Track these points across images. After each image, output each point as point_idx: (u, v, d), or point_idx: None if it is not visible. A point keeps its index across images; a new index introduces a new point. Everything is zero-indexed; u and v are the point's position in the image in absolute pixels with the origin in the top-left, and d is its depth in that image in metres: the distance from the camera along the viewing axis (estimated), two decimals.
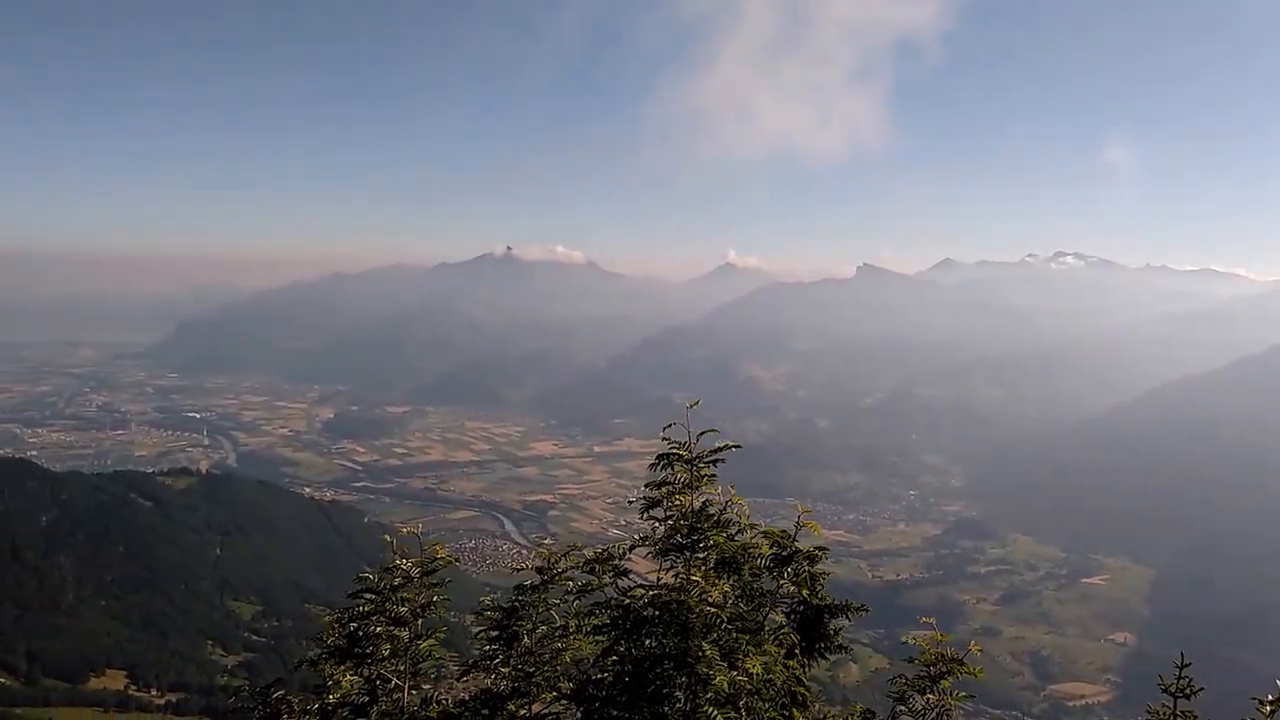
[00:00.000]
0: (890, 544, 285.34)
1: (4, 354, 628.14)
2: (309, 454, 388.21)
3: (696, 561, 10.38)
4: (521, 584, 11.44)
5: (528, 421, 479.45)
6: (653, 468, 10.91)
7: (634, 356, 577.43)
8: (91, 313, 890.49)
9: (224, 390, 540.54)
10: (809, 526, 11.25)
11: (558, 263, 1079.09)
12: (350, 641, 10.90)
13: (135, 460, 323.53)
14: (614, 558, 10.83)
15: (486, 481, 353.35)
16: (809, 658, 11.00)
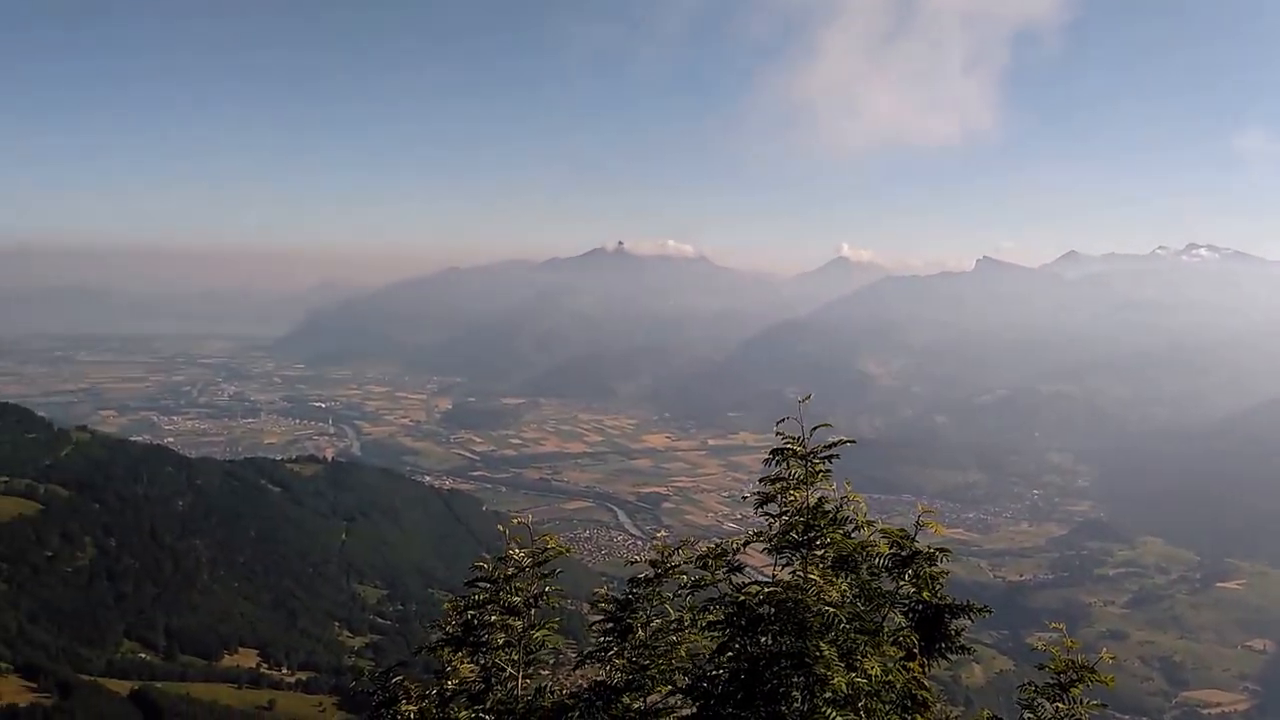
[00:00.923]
0: (1012, 544, 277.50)
1: (141, 345, 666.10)
2: (429, 443, 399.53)
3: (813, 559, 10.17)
4: (635, 576, 11.40)
5: (640, 414, 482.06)
6: (767, 462, 10.71)
7: (746, 351, 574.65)
8: (223, 306, 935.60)
9: (348, 381, 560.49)
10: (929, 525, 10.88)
11: (669, 257, 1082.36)
12: (466, 629, 11.05)
13: (265, 448, 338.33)
14: (728, 553, 10.70)
15: (600, 473, 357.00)
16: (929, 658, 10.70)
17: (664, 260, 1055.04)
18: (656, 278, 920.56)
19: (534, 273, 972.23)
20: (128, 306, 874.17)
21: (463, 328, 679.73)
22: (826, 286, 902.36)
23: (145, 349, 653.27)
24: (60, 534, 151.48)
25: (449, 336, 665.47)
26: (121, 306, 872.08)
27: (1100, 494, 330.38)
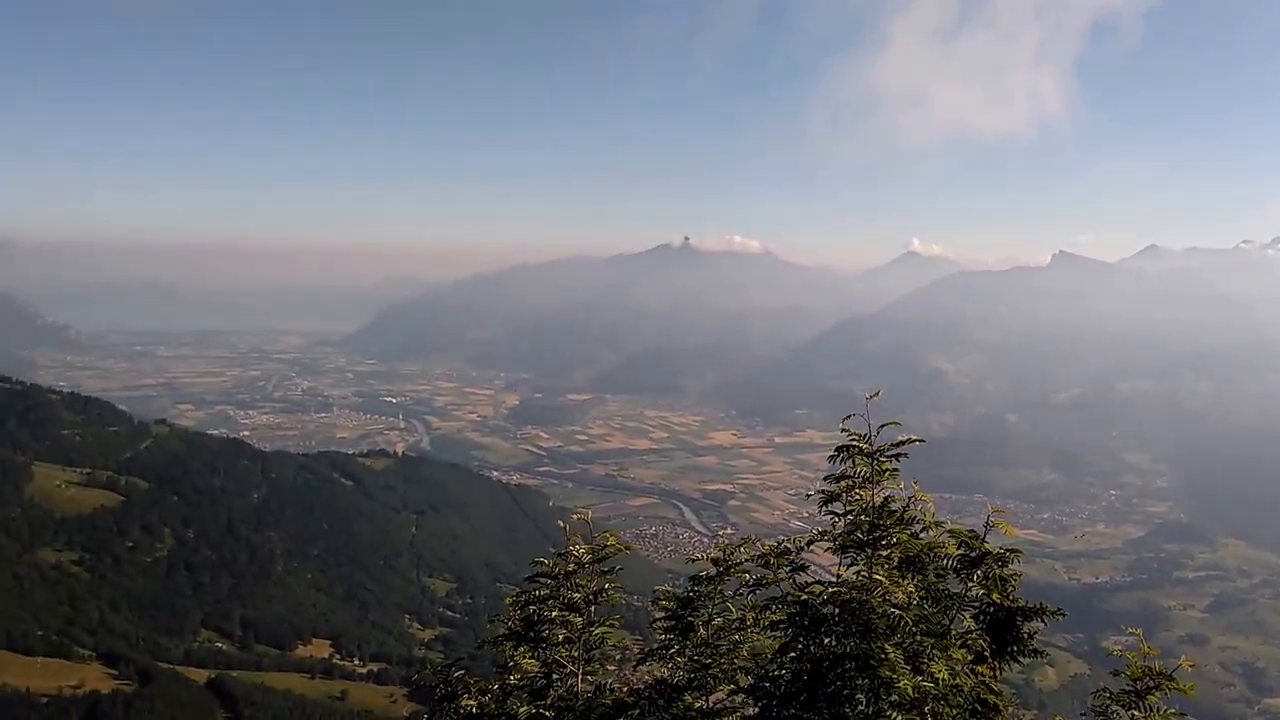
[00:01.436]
0: (1087, 545, 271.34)
1: (218, 340, 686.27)
2: (496, 439, 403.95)
3: (878, 559, 9.94)
4: (697, 574, 11.29)
5: (706, 411, 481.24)
6: (832, 460, 10.50)
7: (814, 347, 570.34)
8: (297, 302, 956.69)
9: (417, 376, 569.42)
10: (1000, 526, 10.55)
11: (735, 253, 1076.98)
12: (526, 625, 11.06)
13: (337, 441, 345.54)
14: (791, 552, 10.53)
15: (665, 469, 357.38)
16: (1000, 661, 10.42)
17: (730, 256, 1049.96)
18: (722, 273, 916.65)
19: (600, 269, 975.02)
20: (206, 303, 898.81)
21: (529, 324, 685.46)
22: (896, 282, 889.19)
23: (223, 344, 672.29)
24: (140, 525, 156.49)
25: (516, 332, 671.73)
26: (200, 303, 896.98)
27: (1180, 495, 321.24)
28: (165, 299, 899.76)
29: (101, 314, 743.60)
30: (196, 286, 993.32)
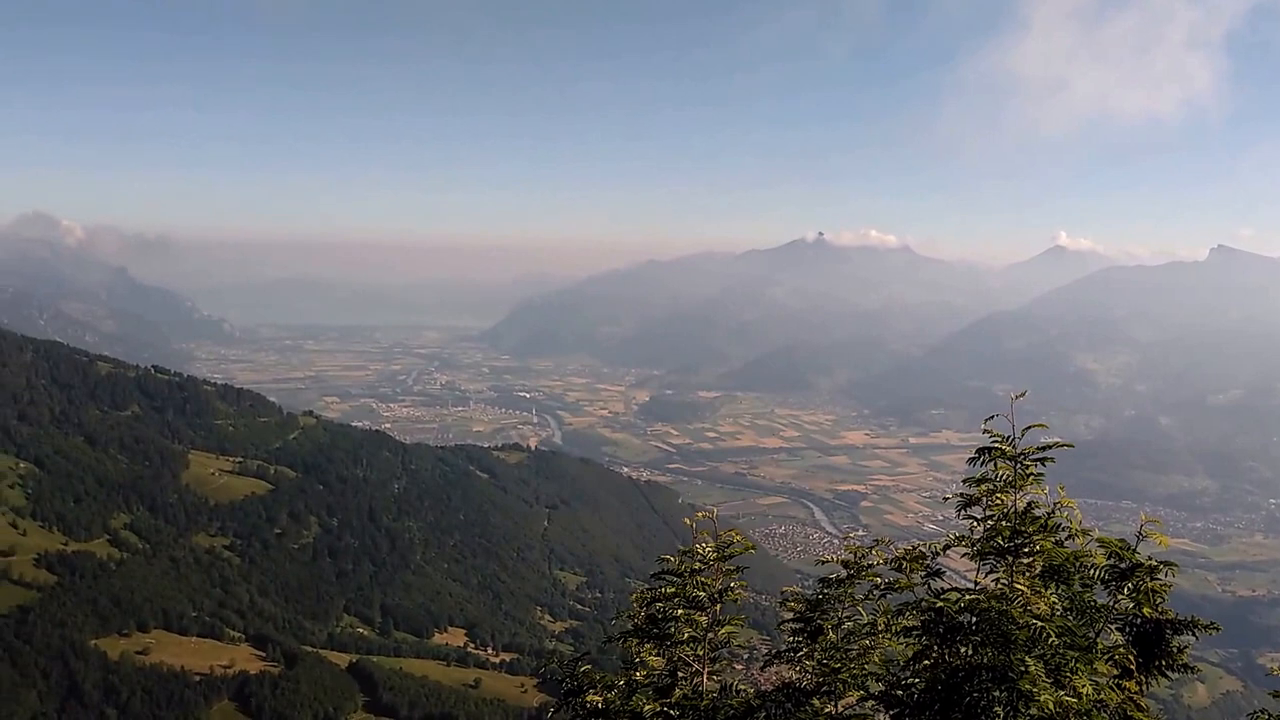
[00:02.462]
0: (1245, 556, 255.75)
1: (363, 335, 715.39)
2: (626, 435, 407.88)
3: (1019, 567, 9.45)
4: (827, 576, 10.99)
5: (838, 410, 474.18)
6: (971, 462, 10.04)
7: (952, 345, 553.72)
8: (436, 298, 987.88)
9: (550, 372, 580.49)
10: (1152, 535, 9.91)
11: (871, 248, 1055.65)
12: (651, 621, 10.98)
13: (473, 435, 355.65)
14: (926, 556, 10.11)
15: (796, 468, 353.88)
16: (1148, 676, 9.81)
17: (865, 251, 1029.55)
18: (857, 269, 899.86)
19: (732, 265, 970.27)
20: (352, 298, 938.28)
21: (660, 320, 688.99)
22: (1041, 277, 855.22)
23: (366, 339, 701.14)
24: (288, 512, 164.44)
25: (647, 329, 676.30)
26: (346, 298, 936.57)
27: None
28: (314, 294, 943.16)
29: (254, 309, 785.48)
30: (343, 282, 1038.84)
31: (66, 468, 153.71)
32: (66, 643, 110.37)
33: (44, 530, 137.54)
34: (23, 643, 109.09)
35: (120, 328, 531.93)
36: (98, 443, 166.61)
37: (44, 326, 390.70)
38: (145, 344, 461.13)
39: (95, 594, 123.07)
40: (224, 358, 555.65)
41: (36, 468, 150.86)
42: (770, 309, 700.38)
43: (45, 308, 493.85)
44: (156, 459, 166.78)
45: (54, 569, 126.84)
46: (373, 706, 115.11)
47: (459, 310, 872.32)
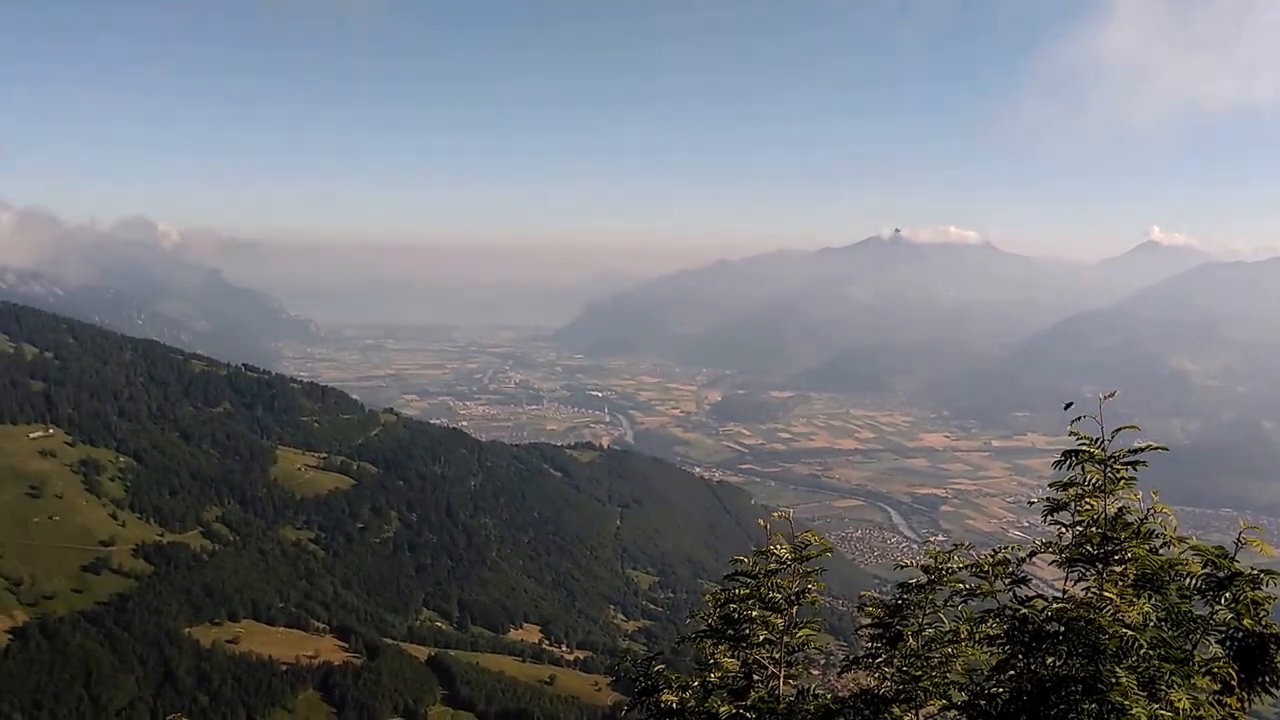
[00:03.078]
0: None
1: (441, 335, 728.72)
2: (698, 435, 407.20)
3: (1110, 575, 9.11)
4: (906, 581, 10.75)
5: (916, 411, 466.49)
6: (1058, 466, 9.70)
7: (1037, 345, 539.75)
8: (512, 297, 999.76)
9: (622, 371, 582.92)
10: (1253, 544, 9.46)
11: (950, 244, 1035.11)
12: (726, 623, 10.88)
13: (547, 433, 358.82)
14: (1011, 563, 9.81)
15: (872, 471, 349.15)
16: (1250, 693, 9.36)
17: (945, 248, 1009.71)
18: (937, 266, 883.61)
19: (806, 263, 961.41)
20: (431, 298, 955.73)
21: (732, 319, 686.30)
22: (1133, 274, 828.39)
23: (444, 338, 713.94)
24: (370, 507, 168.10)
25: (719, 328, 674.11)
26: (426, 299, 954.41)
27: None
28: (394, 295, 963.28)
29: (338, 309, 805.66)
30: (423, 283, 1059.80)
31: (163, 462, 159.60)
32: (162, 630, 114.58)
33: (141, 522, 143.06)
34: (122, 629, 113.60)
35: (213, 327, 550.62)
36: (192, 438, 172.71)
37: (142, 326, 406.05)
38: (236, 343, 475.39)
39: (189, 584, 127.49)
40: (310, 356, 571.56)
41: (135, 461, 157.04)
42: (845, 308, 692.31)
43: (143, 308, 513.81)
44: (246, 454, 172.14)
45: (151, 559, 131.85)
46: (451, 700, 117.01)
47: (533, 310, 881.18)
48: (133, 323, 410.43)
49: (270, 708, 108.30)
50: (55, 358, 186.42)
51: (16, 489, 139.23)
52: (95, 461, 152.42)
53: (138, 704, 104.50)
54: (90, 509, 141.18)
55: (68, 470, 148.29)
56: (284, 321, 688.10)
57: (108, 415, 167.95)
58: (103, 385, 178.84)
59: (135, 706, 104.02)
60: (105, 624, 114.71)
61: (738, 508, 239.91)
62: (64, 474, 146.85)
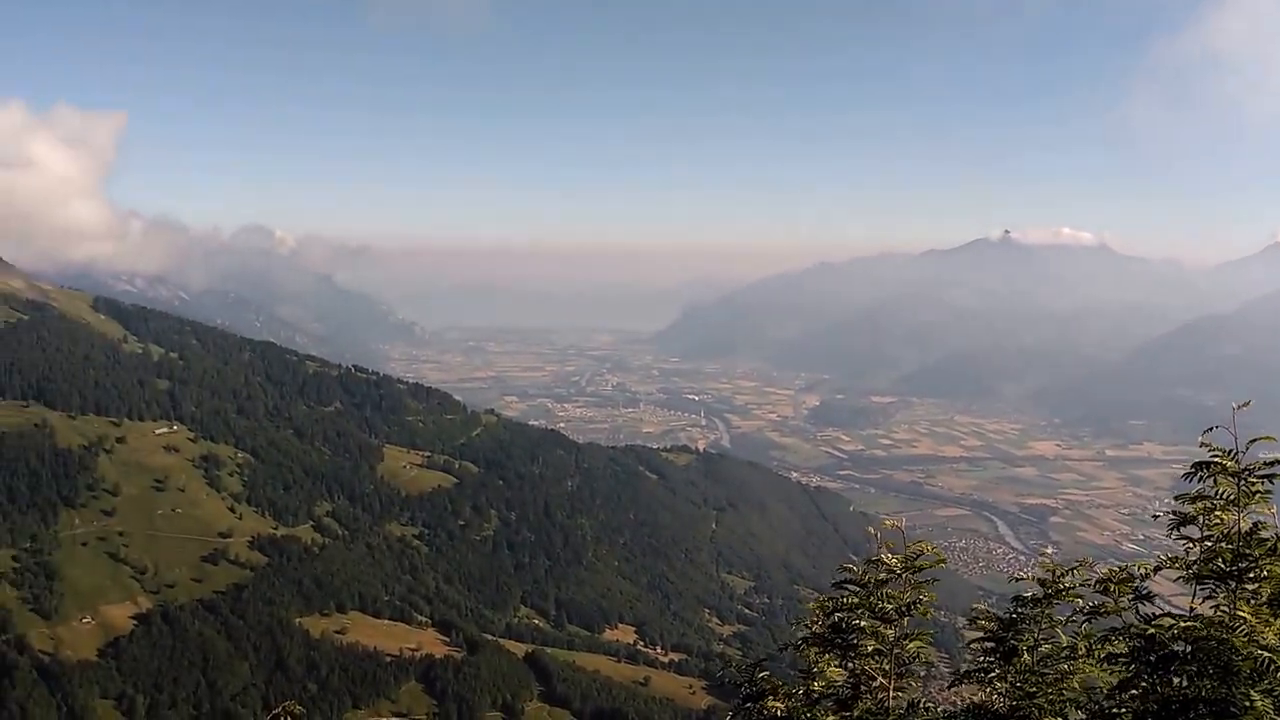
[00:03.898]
0: None
1: (540, 337, 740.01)
2: (796, 439, 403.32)
3: (1243, 593, 8.67)
4: (1021, 595, 10.42)
5: (1025, 419, 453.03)
6: (1187, 478, 9.27)
7: (1155, 351, 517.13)
8: (610, 300, 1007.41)
9: (719, 375, 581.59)
10: None
11: (1063, 246, 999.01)
12: (834, 631, 10.72)
13: (643, 436, 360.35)
14: (1135, 579, 9.41)
15: (977, 479, 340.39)
16: None
17: (1057, 249, 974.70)
18: (1048, 269, 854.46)
19: (909, 265, 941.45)
20: (532, 301, 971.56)
21: (832, 323, 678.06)
22: (1259, 276, 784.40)
23: (544, 341, 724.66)
24: (471, 505, 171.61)
25: (818, 332, 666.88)
26: (526, 301, 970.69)
27: None
28: (497, 298, 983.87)
29: (443, 312, 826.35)
30: (524, 287, 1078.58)
31: (278, 458, 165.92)
32: (275, 620, 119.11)
33: (257, 515, 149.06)
34: (237, 618, 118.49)
35: (325, 329, 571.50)
36: (305, 436, 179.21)
37: (259, 328, 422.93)
38: (346, 345, 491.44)
39: (300, 575, 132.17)
40: (415, 358, 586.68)
41: (252, 457, 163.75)
42: (950, 311, 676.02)
43: (261, 311, 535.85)
44: (355, 452, 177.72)
45: (265, 551, 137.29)
46: (547, 697, 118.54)
47: (631, 313, 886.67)
48: (251, 325, 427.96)
49: (375, 698, 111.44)
50: (180, 358, 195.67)
51: (143, 482, 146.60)
52: (215, 457, 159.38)
53: (251, 690, 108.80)
54: (210, 502, 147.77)
55: (190, 465, 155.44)
56: (391, 324, 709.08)
57: (228, 413, 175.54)
58: (223, 384, 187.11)
59: (248, 692, 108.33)
60: (222, 612, 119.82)
61: (835, 514, 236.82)
62: (186, 468, 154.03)
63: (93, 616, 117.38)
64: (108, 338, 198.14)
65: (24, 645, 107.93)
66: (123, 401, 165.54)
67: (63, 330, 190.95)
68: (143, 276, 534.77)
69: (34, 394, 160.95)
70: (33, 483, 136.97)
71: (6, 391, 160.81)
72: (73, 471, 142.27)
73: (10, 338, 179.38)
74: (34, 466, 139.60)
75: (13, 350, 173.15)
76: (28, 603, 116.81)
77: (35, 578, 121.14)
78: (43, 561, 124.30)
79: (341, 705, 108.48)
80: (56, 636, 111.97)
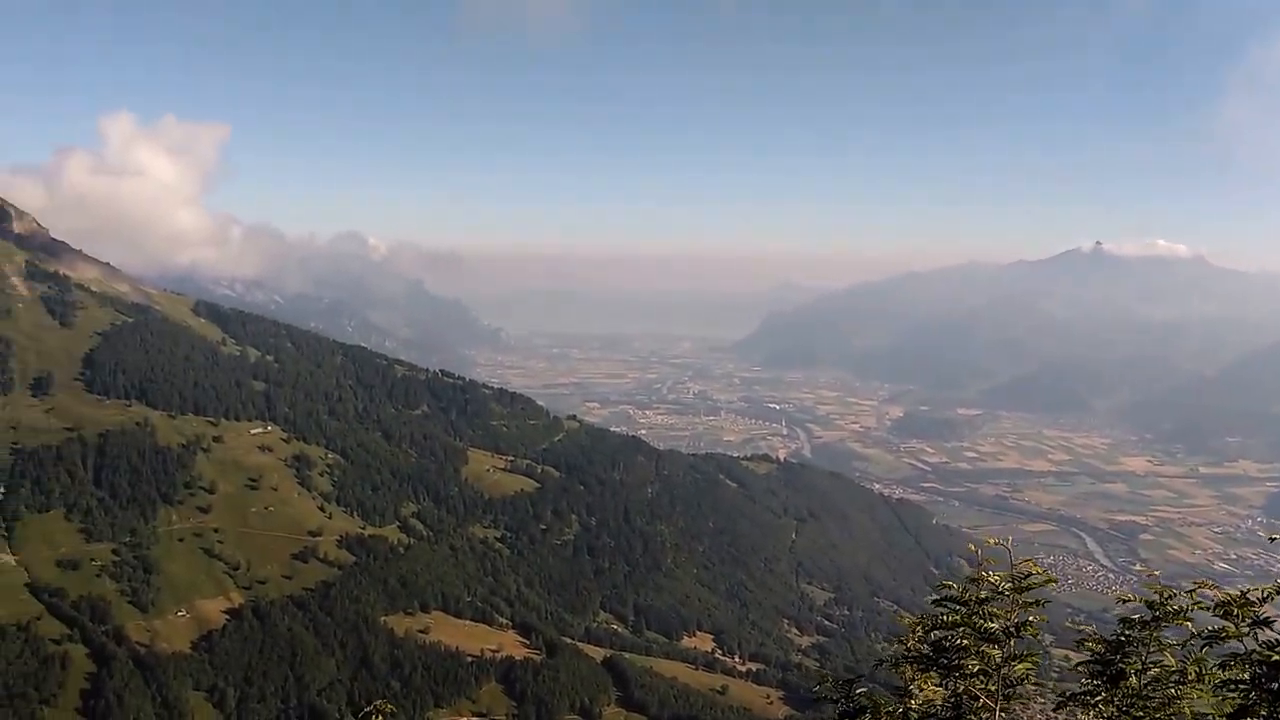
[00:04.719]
0: None
1: (622, 345, 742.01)
2: (878, 450, 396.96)
3: None
4: (1128, 617, 10.24)
5: (1116, 433, 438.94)
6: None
7: (1252, 365, 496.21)
8: (692, 308, 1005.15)
9: (801, 384, 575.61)
10: None
11: (1157, 258, 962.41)
12: (936, 650, 10.62)
13: (723, 444, 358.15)
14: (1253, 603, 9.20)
15: (1066, 495, 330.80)
16: None
17: (1151, 261, 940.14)
18: (1142, 281, 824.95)
19: (998, 276, 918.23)
20: (615, 308, 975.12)
21: (917, 333, 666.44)
22: None
23: (626, 348, 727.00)
24: (552, 510, 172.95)
25: (903, 342, 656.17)
26: (609, 308, 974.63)
27: None
28: (581, 305, 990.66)
29: (528, 318, 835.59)
30: (609, 293, 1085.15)
31: (366, 459, 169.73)
32: (361, 618, 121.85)
33: (346, 515, 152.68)
34: (325, 615, 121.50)
35: (414, 334, 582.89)
36: (392, 438, 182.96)
37: (351, 333, 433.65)
38: (434, 350, 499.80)
39: (386, 575, 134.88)
40: (500, 364, 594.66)
41: (342, 458, 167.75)
42: (1040, 323, 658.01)
43: (353, 316, 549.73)
44: (441, 455, 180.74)
45: (353, 550, 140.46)
46: (625, 702, 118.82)
47: (713, 321, 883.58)
48: (343, 329, 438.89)
49: (456, 697, 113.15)
50: (275, 360, 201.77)
51: (238, 481, 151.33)
52: (307, 457, 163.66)
53: (336, 685, 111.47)
54: (301, 501, 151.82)
55: (282, 465, 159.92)
56: (478, 330, 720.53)
57: (319, 414, 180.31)
58: (315, 387, 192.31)
59: (334, 688, 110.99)
60: (311, 609, 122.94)
61: (918, 527, 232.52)
62: (279, 468, 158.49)
63: (187, 610, 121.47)
64: (207, 340, 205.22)
65: (122, 636, 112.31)
66: (220, 402, 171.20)
67: (165, 332, 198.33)
68: (241, 281, 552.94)
69: (137, 394, 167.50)
70: (134, 479, 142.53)
71: (111, 391, 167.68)
72: (172, 469, 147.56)
73: (116, 339, 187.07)
74: (135, 464, 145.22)
75: (118, 351, 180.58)
76: (126, 595, 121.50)
77: (134, 571, 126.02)
78: (141, 556, 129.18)
79: (424, 704, 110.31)
80: (153, 629, 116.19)
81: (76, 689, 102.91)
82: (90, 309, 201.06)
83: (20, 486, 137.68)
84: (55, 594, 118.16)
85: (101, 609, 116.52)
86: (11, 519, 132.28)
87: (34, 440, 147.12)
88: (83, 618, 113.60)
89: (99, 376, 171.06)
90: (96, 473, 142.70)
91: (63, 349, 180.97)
